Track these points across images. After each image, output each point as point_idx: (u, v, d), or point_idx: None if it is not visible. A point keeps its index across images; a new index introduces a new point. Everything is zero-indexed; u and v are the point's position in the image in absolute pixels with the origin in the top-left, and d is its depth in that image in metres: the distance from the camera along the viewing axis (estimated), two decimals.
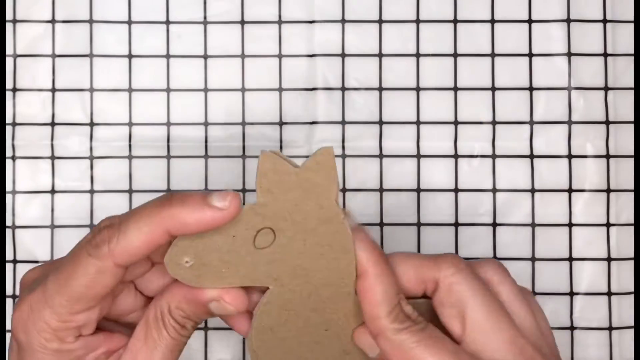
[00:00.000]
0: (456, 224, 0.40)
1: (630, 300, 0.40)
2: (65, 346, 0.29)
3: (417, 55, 0.40)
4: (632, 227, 0.40)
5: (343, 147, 0.40)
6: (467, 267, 0.29)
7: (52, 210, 0.40)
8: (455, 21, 0.40)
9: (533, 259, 0.40)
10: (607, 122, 0.40)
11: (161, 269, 0.31)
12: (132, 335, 0.30)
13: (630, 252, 0.40)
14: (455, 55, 0.40)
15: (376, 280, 0.28)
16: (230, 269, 0.28)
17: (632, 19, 0.40)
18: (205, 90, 0.40)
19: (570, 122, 0.40)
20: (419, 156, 0.40)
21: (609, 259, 0.40)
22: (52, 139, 0.40)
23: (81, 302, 0.28)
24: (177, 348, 0.30)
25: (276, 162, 0.28)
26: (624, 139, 0.40)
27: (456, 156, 0.40)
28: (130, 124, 0.40)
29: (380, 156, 0.40)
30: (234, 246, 0.28)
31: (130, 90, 0.40)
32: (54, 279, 0.28)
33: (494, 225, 0.40)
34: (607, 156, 0.40)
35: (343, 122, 0.40)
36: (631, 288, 0.40)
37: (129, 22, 0.40)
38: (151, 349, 0.29)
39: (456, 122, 0.40)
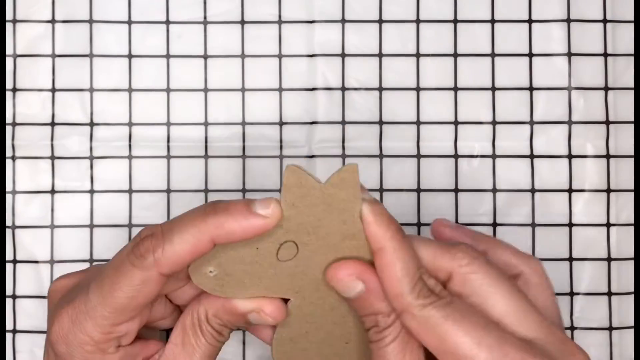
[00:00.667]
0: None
1: (630, 300, 0.40)
2: (107, 357, 0.29)
3: (417, 55, 0.40)
4: (632, 227, 0.40)
5: (343, 147, 0.40)
6: (481, 256, 0.28)
7: (52, 210, 0.40)
8: (455, 21, 0.40)
9: None
10: (607, 122, 0.40)
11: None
12: (168, 341, 0.30)
13: (630, 252, 0.40)
14: (455, 55, 0.40)
15: (394, 255, 0.27)
16: (252, 280, 0.29)
17: (632, 18, 0.40)
18: (205, 90, 0.40)
19: (570, 122, 0.40)
20: (419, 156, 0.40)
21: (609, 259, 0.40)
22: (52, 139, 0.40)
23: (125, 313, 0.28)
24: (214, 353, 0.30)
25: (301, 176, 0.28)
26: (624, 139, 0.40)
27: (456, 156, 0.40)
28: (130, 124, 0.40)
29: (380, 156, 0.40)
30: (258, 258, 0.29)
31: (130, 90, 0.40)
32: (97, 291, 0.28)
33: (494, 225, 0.40)
34: (607, 156, 0.40)
35: (343, 122, 0.40)
36: (631, 288, 0.40)
37: (129, 22, 0.40)
38: (189, 355, 0.30)
39: (456, 122, 0.40)
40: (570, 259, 0.40)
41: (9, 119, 0.40)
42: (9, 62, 0.40)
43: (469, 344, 0.26)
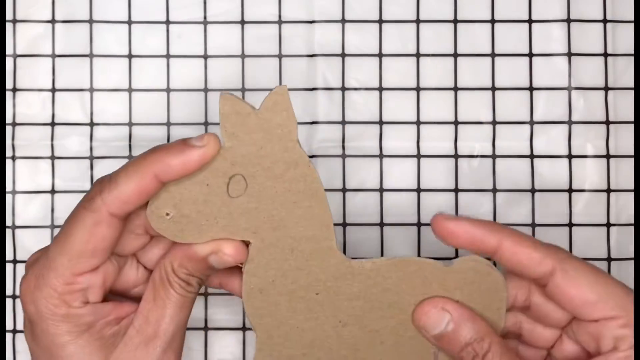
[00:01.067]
0: None
1: None
2: (73, 311, 0.29)
3: (417, 55, 0.40)
4: (632, 227, 0.40)
5: (343, 147, 0.40)
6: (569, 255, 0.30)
7: (52, 210, 0.40)
8: (455, 21, 0.40)
9: None
10: (607, 122, 0.40)
11: (161, 242, 0.32)
12: (142, 300, 0.31)
13: (630, 252, 0.40)
14: (455, 55, 0.40)
15: (576, 272, 0.29)
16: (209, 220, 0.30)
17: (632, 18, 0.40)
18: (205, 90, 0.40)
19: (570, 122, 0.40)
20: (419, 156, 0.40)
21: (609, 259, 0.40)
22: (52, 139, 0.40)
23: (83, 259, 0.29)
24: (185, 305, 0.31)
25: (236, 104, 0.29)
26: (624, 139, 0.40)
27: (456, 156, 0.40)
28: (130, 124, 0.40)
29: (380, 156, 0.40)
30: (210, 196, 0.29)
31: (130, 90, 0.40)
32: (55, 242, 0.30)
33: None
34: (607, 156, 0.40)
35: (343, 122, 0.40)
36: (632, 288, 0.40)
37: (129, 22, 0.40)
38: (161, 308, 0.30)
39: (456, 122, 0.40)
40: None
41: (9, 119, 0.40)
42: (9, 62, 0.40)
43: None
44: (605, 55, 0.40)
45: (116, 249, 0.31)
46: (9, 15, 0.40)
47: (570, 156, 0.40)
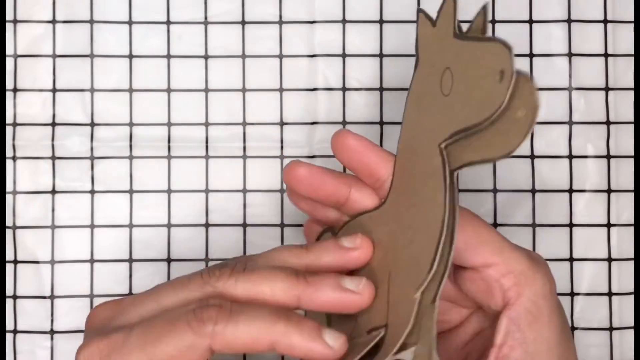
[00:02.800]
0: None
1: (630, 300, 0.40)
2: None
3: None
4: (632, 228, 0.40)
5: None
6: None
7: (53, 210, 0.40)
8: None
9: None
10: (608, 123, 0.40)
11: None
12: None
13: (630, 253, 0.40)
14: None
15: None
16: None
17: (632, 19, 0.40)
18: (206, 90, 0.40)
19: (570, 123, 0.40)
20: None
21: (609, 260, 0.40)
22: (52, 139, 0.40)
23: None
24: None
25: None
26: (624, 140, 0.40)
27: None
28: (130, 124, 0.40)
29: None
30: None
31: (130, 90, 0.40)
32: (141, 336, 0.27)
33: (495, 225, 0.40)
34: (608, 156, 0.40)
35: (344, 123, 0.40)
36: (632, 288, 0.40)
37: (130, 23, 0.40)
38: None
39: None
40: (571, 260, 0.40)
41: (9, 119, 0.40)
42: (10, 62, 0.40)
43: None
44: (606, 55, 0.40)
45: None
46: (9, 16, 0.40)
47: (570, 156, 0.40)
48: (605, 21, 0.40)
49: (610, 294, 0.40)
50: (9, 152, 0.40)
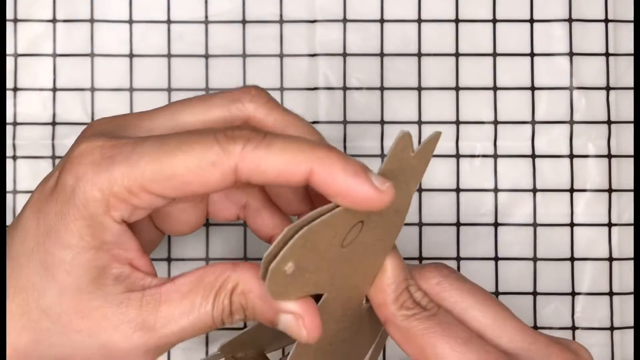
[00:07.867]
0: (457, 224, 0.40)
1: (631, 300, 0.40)
2: (106, 219, 0.24)
3: (419, 54, 0.40)
4: (633, 227, 0.40)
5: (344, 147, 0.40)
6: (451, 273, 0.28)
7: None
8: (457, 21, 0.40)
9: (534, 259, 0.40)
10: (609, 122, 0.40)
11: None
12: (172, 279, 0.25)
13: (631, 252, 0.40)
14: (456, 54, 0.40)
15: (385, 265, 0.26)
16: (313, 275, 0.24)
17: (633, 18, 0.40)
18: (207, 89, 0.40)
19: (571, 122, 0.40)
20: None
21: (610, 259, 0.40)
22: (53, 139, 0.40)
23: (160, 184, 0.23)
24: (205, 327, 0.25)
25: (410, 144, 0.24)
26: (625, 139, 0.40)
27: (458, 156, 0.40)
28: None
29: (382, 156, 0.40)
30: (330, 245, 0.24)
31: (131, 89, 0.40)
32: (157, 143, 0.23)
33: (496, 225, 0.40)
34: (609, 156, 0.40)
35: (344, 122, 0.40)
36: (632, 288, 0.40)
37: (130, 22, 0.40)
38: (186, 312, 0.24)
39: (458, 122, 0.40)
40: (572, 259, 0.40)
41: (9, 119, 0.40)
42: (10, 61, 0.40)
43: (450, 357, 0.25)
44: (607, 55, 0.40)
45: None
46: (9, 15, 0.40)
47: (571, 156, 0.40)
48: (606, 20, 0.40)
49: (611, 293, 0.40)
50: (9, 152, 0.40)
